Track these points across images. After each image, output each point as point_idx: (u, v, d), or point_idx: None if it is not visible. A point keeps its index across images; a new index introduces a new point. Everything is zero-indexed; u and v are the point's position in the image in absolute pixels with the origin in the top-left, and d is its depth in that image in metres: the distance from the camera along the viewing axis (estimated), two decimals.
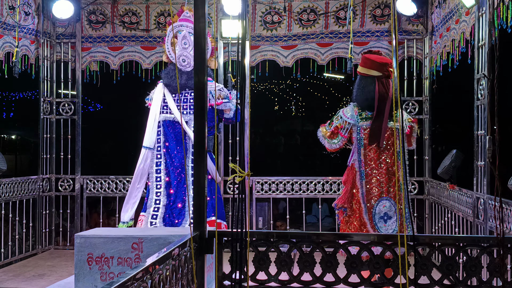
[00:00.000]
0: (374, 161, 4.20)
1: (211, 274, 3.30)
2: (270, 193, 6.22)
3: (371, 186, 4.19)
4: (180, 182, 4.61)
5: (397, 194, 4.15)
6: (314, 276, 2.80)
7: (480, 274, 2.74)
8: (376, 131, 4.17)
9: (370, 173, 4.20)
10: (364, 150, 4.22)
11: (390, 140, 4.21)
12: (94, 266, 3.22)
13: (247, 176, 2.40)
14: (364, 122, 4.24)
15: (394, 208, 4.14)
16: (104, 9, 6.35)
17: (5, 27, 5.59)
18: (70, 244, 6.31)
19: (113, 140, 13.56)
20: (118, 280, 1.75)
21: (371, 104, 4.20)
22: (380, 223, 4.16)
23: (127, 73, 6.47)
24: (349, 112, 4.30)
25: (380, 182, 4.18)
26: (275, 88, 14.17)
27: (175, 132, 4.69)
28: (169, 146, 4.67)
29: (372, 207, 4.17)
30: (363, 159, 4.21)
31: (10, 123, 15.54)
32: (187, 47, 4.63)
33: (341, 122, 4.29)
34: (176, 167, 4.62)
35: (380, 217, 4.16)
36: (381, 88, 4.19)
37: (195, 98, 2.68)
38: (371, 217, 4.17)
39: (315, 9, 6.12)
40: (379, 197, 4.17)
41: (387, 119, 4.16)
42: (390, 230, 4.15)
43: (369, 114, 4.24)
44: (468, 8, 4.38)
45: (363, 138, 4.23)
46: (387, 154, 4.21)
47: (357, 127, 4.24)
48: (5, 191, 5.63)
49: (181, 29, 4.70)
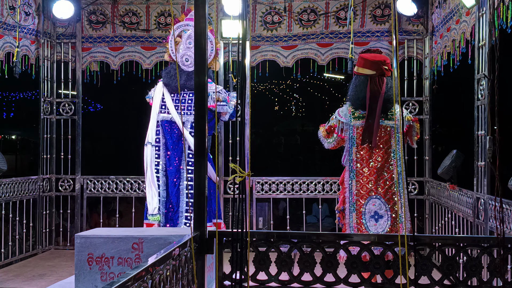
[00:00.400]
0: (366, 160, 4.21)
1: (211, 274, 3.30)
2: (270, 193, 6.22)
3: (360, 185, 4.20)
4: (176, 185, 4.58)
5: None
6: (315, 276, 2.80)
7: (480, 274, 2.74)
8: (369, 130, 4.18)
9: (361, 172, 4.21)
10: (356, 149, 4.24)
11: (383, 139, 4.21)
12: (95, 266, 3.22)
13: (248, 176, 2.39)
14: (356, 121, 4.26)
15: (385, 207, 4.14)
16: (105, 9, 6.35)
17: (6, 27, 5.59)
18: (70, 244, 6.30)
19: (113, 140, 13.57)
20: (118, 280, 1.75)
21: (363, 103, 4.22)
22: (370, 222, 4.15)
23: (127, 73, 6.47)
24: (343, 112, 4.34)
25: (369, 180, 4.19)
26: (275, 88, 14.17)
27: (172, 132, 4.67)
28: (166, 148, 4.66)
29: (362, 206, 4.17)
30: (354, 158, 4.23)
31: (11, 123, 15.55)
32: (191, 47, 4.61)
33: (335, 121, 4.34)
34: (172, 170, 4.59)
35: (370, 216, 4.15)
36: (373, 86, 4.19)
37: (195, 98, 2.68)
38: (360, 216, 4.16)
39: (315, 9, 6.12)
40: (368, 195, 4.17)
41: (379, 117, 4.17)
42: (380, 229, 4.13)
43: (362, 113, 4.26)
44: (468, 8, 4.38)
45: (355, 137, 4.25)
46: (379, 153, 4.21)
47: (350, 126, 4.27)
48: (5, 191, 5.63)
49: (187, 28, 4.69)
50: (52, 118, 6.45)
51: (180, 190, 4.57)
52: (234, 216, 2.36)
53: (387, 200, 4.14)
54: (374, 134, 4.16)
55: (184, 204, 4.51)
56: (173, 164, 4.61)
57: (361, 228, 4.15)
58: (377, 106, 4.15)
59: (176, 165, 4.61)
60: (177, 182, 4.60)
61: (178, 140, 4.61)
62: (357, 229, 4.15)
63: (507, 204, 3.70)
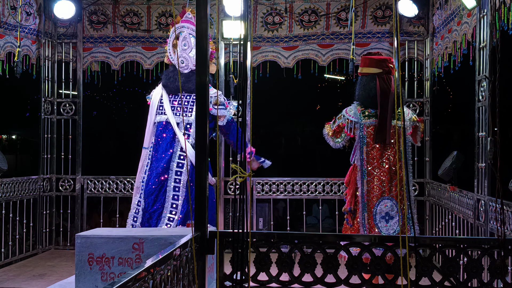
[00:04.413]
0: (377, 160, 4.19)
1: (212, 275, 3.30)
2: (270, 194, 6.22)
3: (372, 185, 4.18)
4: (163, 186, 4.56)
5: (398, 194, 4.15)
6: (315, 277, 2.80)
7: (481, 276, 2.74)
8: (381, 129, 4.17)
9: (372, 172, 4.19)
10: (367, 148, 4.21)
11: (393, 138, 4.21)
12: (95, 266, 3.22)
13: (248, 177, 2.40)
14: (367, 120, 4.25)
15: (396, 208, 4.13)
16: (106, 10, 6.36)
17: (7, 27, 5.60)
18: (70, 244, 6.30)
19: (113, 141, 13.57)
20: (119, 280, 1.75)
21: (374, 101, 4.21)
22: (381, 223, 4.14)
23: (128, 74, 6.47)
24: (352, 111, 4.32)
25: (382, 181, 4.16)
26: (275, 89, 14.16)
27: (166, 133, 4.65)
28: (158, 148, 4.63)
29: (373, 206, 4.16)
30: (365, 158, 4.20)
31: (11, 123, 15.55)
32: (186, 48, 4.63)
33: (343, 120, 4.32)
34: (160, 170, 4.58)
35: (381, 216, 4.14)
36: (382, 84, 4.21)
37: (197, 98, 2.68)
38: (372, 217, 4.15)
39: (316, 10, 6.13)
40: (380, 196, 4.16)
41: (391, 115, 4.16)
42: (391, 230, 4.13)
43: (372, 112, 4.25)
44: (469, 10, 4.38)
45: (365, 136, 4.23)
46: (390, 152, 4.20)
47: (360, 125, 4.24)
48: (5, 191, 5.63)
49: (182, 30, 4.69)
50: (52, 118, 6.45)
51: (167, 191, 4.54)
52: (235, 216, 2.36)
53: (399, 201, 4.13)
54: (388, 132, 4.15)
55: (169, 205, 4.50)
56: (161, 166, 4.57)
57: (373, 229, 4.13)
58: (388, 104, 4.15)
59: (166, 166, 4.58)
60: (165, 182, 4.56)
61: (172, 141, 4.60)
62: (369, 230, 4.13)
63: (508, 205, 3.69)
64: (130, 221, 4.64)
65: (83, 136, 6.42)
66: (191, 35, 4.62)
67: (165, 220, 4.48)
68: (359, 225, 4.19)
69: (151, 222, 4.52)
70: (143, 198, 4.58)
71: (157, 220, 4.51)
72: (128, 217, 4.66)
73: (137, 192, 4.67)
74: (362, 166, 4.20)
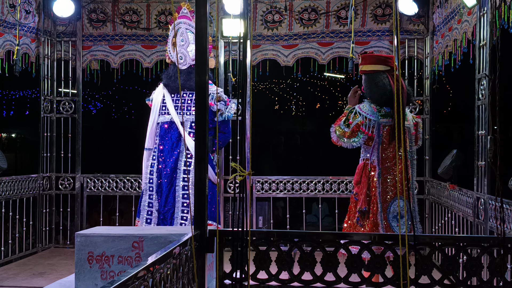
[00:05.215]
0: (390, 160, 4.14)
1: (211, 273, 3.30)
2: (270, 193, 6.22)
3: (386, 185, 4.13)
4: (172, 186, 4.56)
5: (404, 192, 4.14)
6: (315, 275, 2.80)
7: (480, 274, 2.74)
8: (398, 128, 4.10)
9: (386, 172, 4.14)
10: (382, 148, 4.17)
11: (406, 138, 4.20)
12: (95, 264, 3.22)
13: (248, 175, 2.39)
14: (383, 119, 4.11)
15: (407, 208, 4.09)
16: (105, 8, 6.35)
17: (6, 25, 5.59)
18: (70, 243, 6.30)
19: (113, 139, 13.55)
20: (119, 278, 1.75)
21: (389, 99, 4.06)
22: (394, 222, 4.09)
23: (127, 72, 6.46)
24: (368, 109, 4.13)
25: (396, 181, 4.10)
26: (275, 87, 14.16)
27: (171, 133, 4.63)
28: (164, 149, 4.60)
29: (388, 206, 4.12)
30: (380, 158, 4.14)
31: (11, 121, 15.53)
32: (184, 44, 4.60)
33: (362, 118, 4.10)
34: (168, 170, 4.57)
35: (393, 216, 4.09)
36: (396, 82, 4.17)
37: (196, 97, 2.68)
38: (386, 217, 4.11)
39: (316, 9, 6.12)
40: (394, 195, 4.10)
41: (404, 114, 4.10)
42: (402, 230, 4.09)
43: (387, 111, 4.12)
44: (470, 8, 4.38)
45: (381, 135, 4.12)
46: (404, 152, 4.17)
47: (378, 124, 4.09)
48: (5, 190, 5.63)
49: (179, 26, 4.66)
50: (52, 116, 6.45)
51: (176, 190, 4.54)
52: (235, 215, 2.36)
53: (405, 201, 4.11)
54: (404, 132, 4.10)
55: (180, 204, 4.49)
56: (169, 166, 4.56)
57: (389, 228, 4.10)
58: (403, 102, 4.05)
59: (174, 166, 4.57)
60: (174, 182, 4.56)
61: (177, 141, 4.58)
62: (385, 229, 4.09)
63: (507, 204, 3.70)
64: (142, 223, 4.60)
65: (82, 135, 6.42)
66: (187, 30, 4.59)
67: (178, 220, 4.48)
68: (372, 225, 4.11)
69: (166, 222, 4.52)
70: (155, 199, 4.57)
71: (171, 220, 4.50)
72: (140, 218, 4.63)
73: (144, 194, 4.65)
74: (378, 166, 4.13)
